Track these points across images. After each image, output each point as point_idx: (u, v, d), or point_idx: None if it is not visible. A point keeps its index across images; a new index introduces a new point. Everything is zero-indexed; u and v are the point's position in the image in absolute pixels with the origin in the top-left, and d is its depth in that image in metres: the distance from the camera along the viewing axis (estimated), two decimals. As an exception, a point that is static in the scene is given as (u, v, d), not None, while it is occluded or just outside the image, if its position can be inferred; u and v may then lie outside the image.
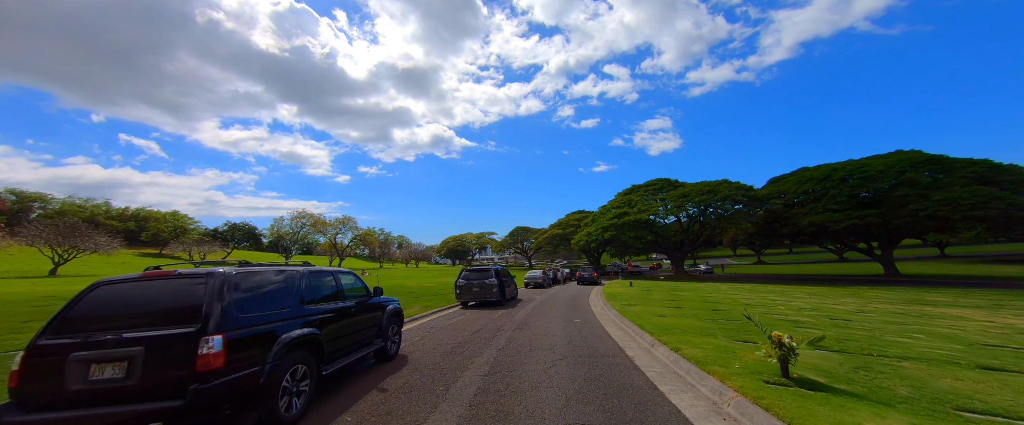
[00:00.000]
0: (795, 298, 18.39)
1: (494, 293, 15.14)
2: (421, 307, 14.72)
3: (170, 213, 76.31)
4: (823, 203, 38.74)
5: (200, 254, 54.51)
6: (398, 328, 7.27)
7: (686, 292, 21.54)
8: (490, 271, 15.77)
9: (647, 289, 23.87)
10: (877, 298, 18.59)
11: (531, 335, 8.98)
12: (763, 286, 28.75)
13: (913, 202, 33.33)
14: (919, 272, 43.14)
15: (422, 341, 8.46)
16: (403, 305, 16.77)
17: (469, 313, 13.43)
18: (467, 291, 15.38)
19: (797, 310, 13.37)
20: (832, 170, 40.03)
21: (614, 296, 18.42)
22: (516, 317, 12.16)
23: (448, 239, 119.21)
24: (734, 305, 14.80)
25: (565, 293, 23.15)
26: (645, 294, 19.84)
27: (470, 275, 15.79)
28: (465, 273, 15.94)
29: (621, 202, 51.22)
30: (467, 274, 15.85)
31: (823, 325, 9.82)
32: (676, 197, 45.45)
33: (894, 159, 37.52)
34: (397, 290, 23.82)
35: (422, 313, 13.17)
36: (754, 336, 7.77)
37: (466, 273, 15.93)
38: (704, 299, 17.11)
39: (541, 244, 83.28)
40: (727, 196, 41.79)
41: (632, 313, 11.74)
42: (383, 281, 33.46)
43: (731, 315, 11.61)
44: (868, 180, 36.56)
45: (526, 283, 29.23)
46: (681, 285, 28.79)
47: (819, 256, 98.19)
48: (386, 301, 7.02)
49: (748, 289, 25.29)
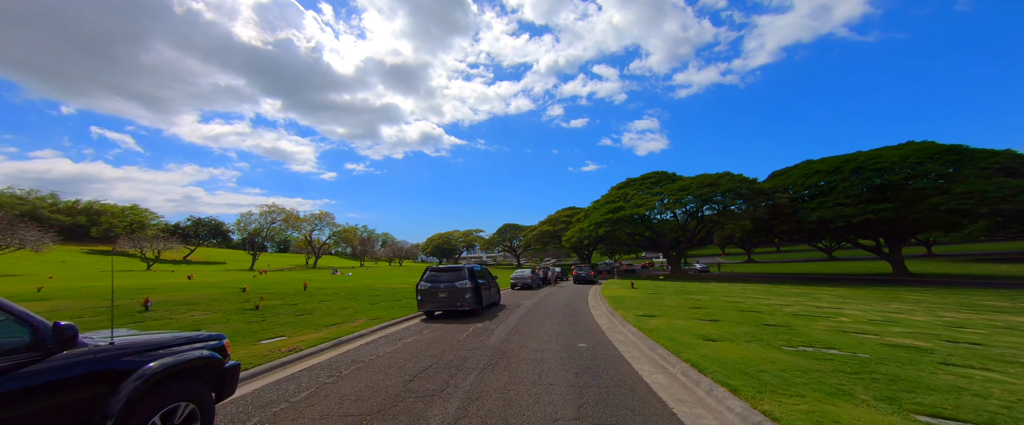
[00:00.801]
0: (839, 303, 15.13)
1: (467, 300, 11.44)
2: (368, 319, 10.93)
3: (129, 207, 70.41)
4: (833, 197, 35.99)
5: (154, 251, 49.42)
6: None
7: (701, 295, 18.17)
8: (462, 271, 12.06)
9: (653, 291, 20.45)
10: (936, 303, 15.44)
11: (511, 381, 5.30)
12: (780, 287, 25.65)
13: (932, 195, 30.70)
14: (927, 271, 40.89)
15: (310, 398, 4.72)
16: (352, 313, 12.28)
17: (430, 328, 9.73)
18: (431, 297, 11.64)
19: (875, 324, 9.98)
20: (842, 162, 37.31)
21: (618, 301, 14.90)
22: (493, 338, 8.48)
23: (433, 237, 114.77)
24: (776, 314, 11.39)
25: (559, 296, 19.59)
26: (655, 298, 16.37)
27: (436, 276, 12.06)
28: (430, 273, 12.20)
29: (615, 196, 47.93)
30: (432, 275, 12.11)
31: (966, 356, 6.39)
32: (675, 191, 42.31)
33: (908, 150, 34.94)
34: (359, 292, 19.96)
35: (366, 329, 9.41)
36: (897, 388, 4.25)
37: (431, 273, 12.19)
38: (732, 305, 13.70)
39: (530, 241, 79.69)
40: (730, 189, 38.79)
41: (659, 332, 8.16)
42: (352, 281, 29.47)
43: (796, 331, 8.15)
44: (882, 172, 33.88)
45: (512, 284, 25.60)
46: (688, 286, 25.49)
47: (807, 254, 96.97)
48: (134, 351, 2.90)
49: (766, 290, 22.11)
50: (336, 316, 11.58)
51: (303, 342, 7.81)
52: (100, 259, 54.15)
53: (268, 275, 39.50)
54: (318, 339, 8.09)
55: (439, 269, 12.34)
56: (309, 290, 20.58)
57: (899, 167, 33.21)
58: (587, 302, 16.48)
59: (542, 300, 17.56)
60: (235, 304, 14.11)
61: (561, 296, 19.81)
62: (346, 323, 10.29)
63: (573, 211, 71.45)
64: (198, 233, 65.19)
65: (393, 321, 10.87)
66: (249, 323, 10.27)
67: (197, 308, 13.16)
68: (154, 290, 19.50)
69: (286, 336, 8.54)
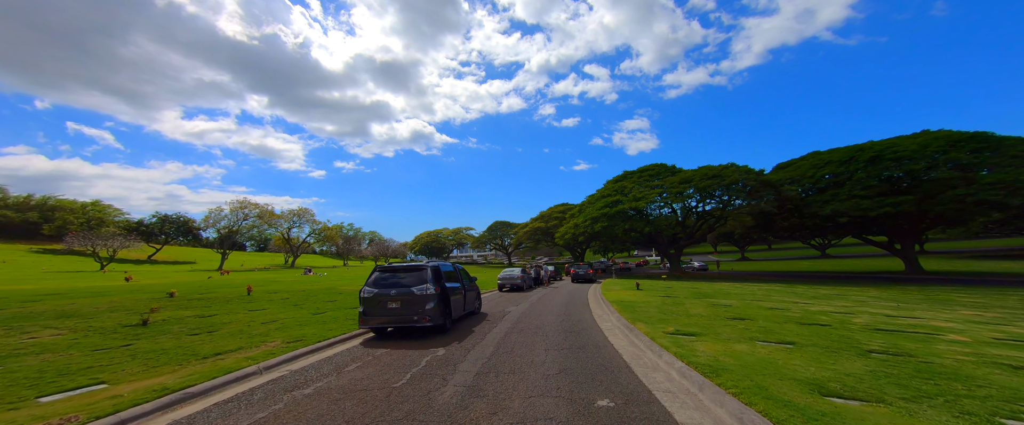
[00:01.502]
0: (907, 310, 12.15)
1: (427, 312, 8.11)
2: (283, 342, 7.54)
3: (91, 203, 65.31)
4: (846, 189, 33.39)
5: (108, 250, 44.95)
6: None
7: (724, 298, 15.10)
8: (423, 271, 8.72)
9: (664, 293, 17.34)
10: (1015, 310, 12.57)
11: None
12: (799, 287, 22.79)
13: (958, 186, 28.20)
14: (938, 269, 38.67)
15: None
16: (271, 331, 8.68)
17: (362, 361, 6.41)
18: (377, 308, 8.29)
19: (1016, 346, 6.91)
20: (855, 151, 34.73)
21: (629, 307, 11.71)
22: (452, 383, 5.19)
23: (421, 235, 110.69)
24: (848, 326, 8.32)
25: (554, 300, 16.35)
26: (672, 303, 13.22)
27: (387, 278, 8.70)
28: (378, 274, 8.84)
29: (612, 190, 44.89)
30: (382, 277, 8.74)
31: None
32: (675, 183, 39.41)
33: (927, 138, 32.45)
34: (315, 296, 16.53)
35: (263, 361, 6.05)
36: None
37: (380, 274, 8.82)
38: (778, 313, 10.60)
39: (522, 239, 76.40)
40: (736, 181, 35.99)
41: (731, 376, 4.93)
42: (321, 282, 25.93)
43: (935, 365, 5.02)
44: (901, 161, 31.31)
45: (500, 285, 22.34)
46: (700, 286, 22.49)
47: (801, 252, 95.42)
48: None
49: (788, 291, 19.20)
50: (241, 337, 8.19)
51: (120, 398, 4.46)
52: (50, 258, 49.33)
53: (231, 276, 35.65)
54: (154, 388, 4.73)
55: (392, 269, 8.97)
56: (252, 294, 17.04)
57: (919, 156, 30.65)
58: (589, 308, 13.27)
59: (534, 306, 14.30)
60: (124, 316, 10.59)
61: (556, 300, 16.59)
62: (244, 351, 6.91)
63: (566, 207, 68.36)
64: (164, 231, 60.08)
65: (319, 344, 7.52)
66: (94, 353, 6.83)
67: (67, 322, 9.66)
68: (61, 294, 15.81)
69: (107, 384, 5.14)
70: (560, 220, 61.66)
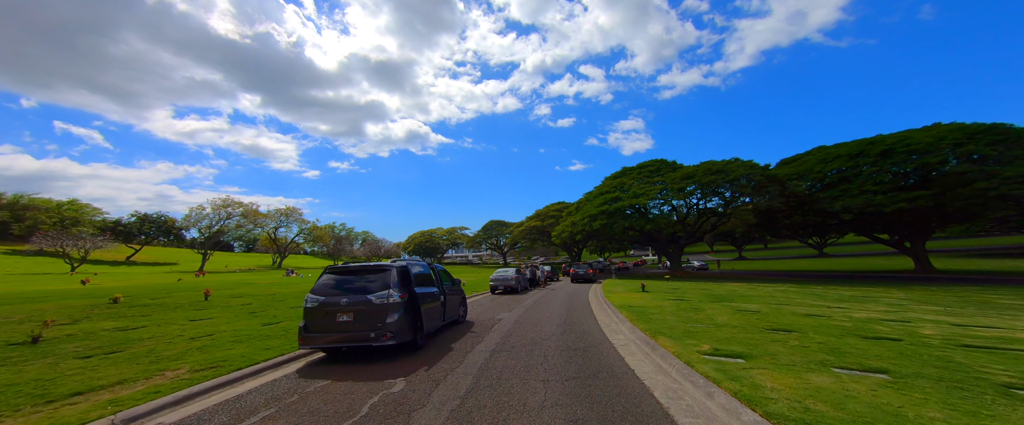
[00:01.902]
0: (964, 317, 10.38)
1: (388, 326, 6.17)
2: (189, 371, 5.57)
3: (68, 202, 62.48)
4: (856, 184, 31.86)
5: (80, 251, 42.46)
6: None
7: (744, 302, 13.28)
8: (387, 274, 6.77)
9: (674, 296, 15.49)
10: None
11: None
12: (817, 288, 21.06)
13: (978, 180, 26.70)
14: (946, 268, 37.29)
15: None
16: (191, 351, 6.79)
17: (301, 396, 4.46)
18: (325, 321, 6.34)
19: None
20: (866, 145, 33.18)
21: (643, 315, 9.84)
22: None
23: (415, 235, 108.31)
24: (914, 340, 6.50)
25: (552, 304, 14.44)
26: (690, 309, 11.36)
27: (338, 282, 6.74)
28: (327, 277, 6.86)
29: (611, 187, 43.14)
30: (330, 282, 6.76)
31: None
32: (677, 179, 37.71)
33: (941, 130, 30.98)
34: (281, 300, 14.50)
35: (181, 390, 4.12)
36: None
37: (329, 277, 6.84)
38: (822, 324, 8.77)
39: (517, 238, 74.45)
40: (741, 176, 34.32)
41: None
42: (299, 284, 23.86)
43: None
44: (916, 154, 29.77)
45: (492, 287, 20.41)
46: (711, 288, 20.68)
47: (797, 251, 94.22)
48: None
49: (807, 292, 17.46)
50: (140, 362, 6.20)
51: None
52: (17, 260, 46.59)
53: (206, 278, 33.41)
54: None
55: (346, 270, 7.00)
56: (210, 300, 14.99)
57: (935, 149, 29.12)
58: (594, 315, 11.38)
59: (529, 311, 12.39)
60: (22, 329, 8.54)
61: (555, 304, 14.69)
62: (124, 386, 4.93)
63: (562, 206, 66.52)
64: (144, 231, 57.27)
65: (239, 373, 5.55)
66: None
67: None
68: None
69: None
70: (556, 219, 59.84)
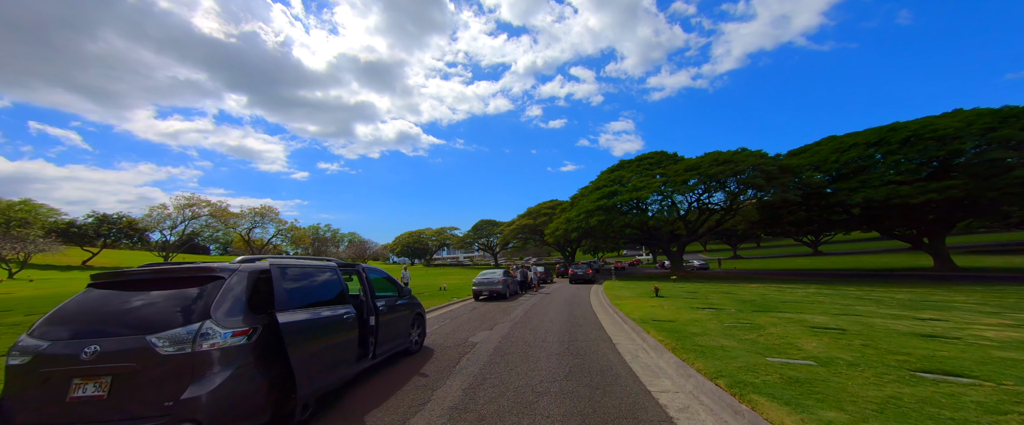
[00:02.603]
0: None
1: (191, 411, 2.74)
2: None
3: (20, 201, 57.35)
4: (877, 174, 29.15)
5: (20, 254, 38.01)
6: None
7: (797, 310, 10.06)
8: (209, 289, 3.30)
9: (698, 302, 12.22)
10: None
11: None
12: (853, 289, 18.03)
13: (1015, 167, 24.09)
14: (970, 265, 34.84)
15: None
16: None
17: None
18: (44, 396, 2.88)
19: None
20: (887, 131, 30.48)
21: (681, 336, 6.53)
22: None
23: (401, 236, 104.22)
24: None
25: (547, 315, 11.08)
26: (734, 323, 8.07)
27: (92, 309, 3.23)
28: (82, 300, 3.34)
29: (608, 180, 40.00)
30: (81, 307, 3.26)
31: None
32: (680, 171, 34.70)
33: (970, 115, 28.37)
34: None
35: None
36: None
37: (84, 300, 3.33)
38: (951, 346, 5.56)
39: (508, 237, 71.02)
40: (751, 167, 31.39)
41: None
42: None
43: None
44: (944, 141, 27.08)
45: (476, 293, 16.99)
46: (736, 291, 17.51)
47: (791, 249, 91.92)
48: None
49: (855, 297, 14.37)
50: None
51: None
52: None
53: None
54: None
55: (119, 281, 3.48)
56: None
57: (965, 135, 26.47)
58: (608, 336, 8.04)
59: (517, 329, 9.00)
60: None
61: (551, 314, 11.33)
62: None
63: (555, 203, 63.34)
64: (101, 233, 52.30)
65: None
66: None
67: None
68: None
69: None
70: (549, 216, 56.62)
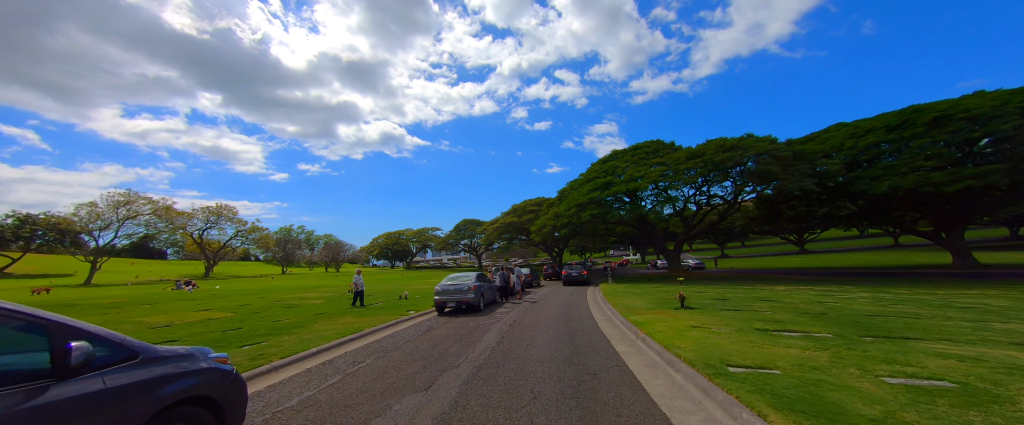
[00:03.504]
0: None
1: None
2: None
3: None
4: (903, 160, 25.94)
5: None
6: None
7: (882, 325, 6.08)
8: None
9: (751, 314, 8.16)
10: None
11: None
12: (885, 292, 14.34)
13: (1066, 149, 21.07)
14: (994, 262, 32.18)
15: None
16: None
17: None
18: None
19: None
20: (910, 113, 27.35)
21: (814, 406, 2.40)
22: None
23: (379, 237, 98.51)
24: None
25: (534, 346, 6.80)
26: (895, 374, 3.97)
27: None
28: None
29: (600, 171, 36.11)
30: None
31: None
32: (682, 160, 31.03)
33: (1003, 95, 25.43)
34: None
35: None
36: None
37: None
38: None
39: (492, 237, 66.57)
40: (762, 153, 27.85)
41: None
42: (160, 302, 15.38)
43: None
44: (978, 121, 24.01)
45: (439, 304, 12.54)
46: (773, 294, 13.52)
47: (780, 247, 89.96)
48: None
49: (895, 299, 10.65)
50: None
51: None
52: None
53: (53, 294, 24.03)
54: None
55: None
56: None
57: (1003, 115, 23.43)
58: (654, 401, 3.83)
59: (478, 384, 4.66)
60: None
61: (541, 346, 7.05)
62: None
63: (542, 200, 59.27)
64: (21, 235, 45.00)
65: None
66: None
67: None
68: None
69: None
70: (536, 213, 52.45)
